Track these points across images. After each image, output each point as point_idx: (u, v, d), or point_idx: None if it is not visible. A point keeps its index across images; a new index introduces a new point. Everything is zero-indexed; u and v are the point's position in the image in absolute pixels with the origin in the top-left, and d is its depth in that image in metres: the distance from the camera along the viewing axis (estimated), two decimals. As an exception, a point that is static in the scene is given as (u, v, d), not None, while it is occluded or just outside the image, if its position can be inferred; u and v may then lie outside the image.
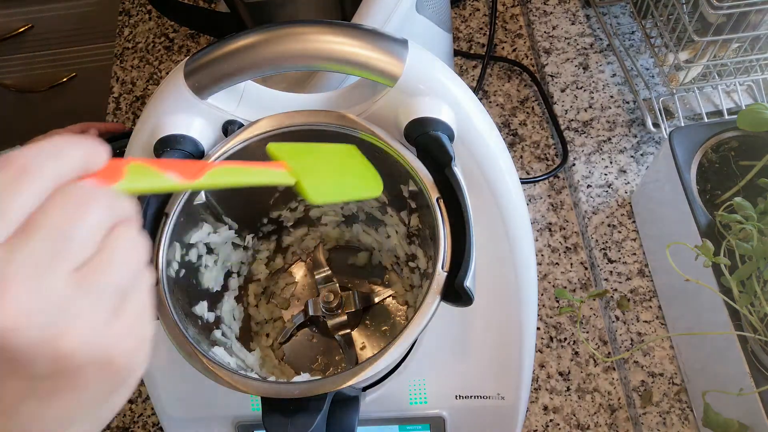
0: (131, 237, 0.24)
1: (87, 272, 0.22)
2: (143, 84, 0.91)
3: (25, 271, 0.21)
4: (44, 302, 0.21)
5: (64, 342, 0.22)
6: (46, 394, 0.23)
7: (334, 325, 0.54)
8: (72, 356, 0.22)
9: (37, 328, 0.21)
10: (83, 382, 0.23)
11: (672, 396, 0.63)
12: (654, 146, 0.75)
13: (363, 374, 0.39)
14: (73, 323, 0.22)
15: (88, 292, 0.22)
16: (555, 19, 0.86)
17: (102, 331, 0.23)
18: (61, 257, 0.22)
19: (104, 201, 0.23)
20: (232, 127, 0.47)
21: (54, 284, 0.21)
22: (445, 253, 0.41)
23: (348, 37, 0.44)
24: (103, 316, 0.23)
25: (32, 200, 0.22)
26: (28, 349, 0.21)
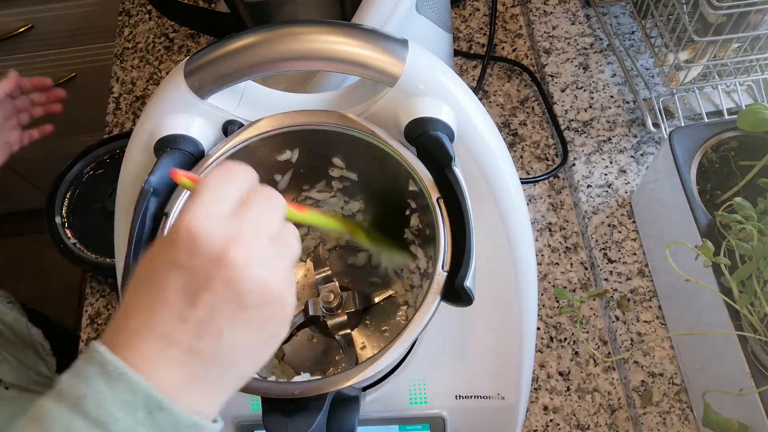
0: (293, 227, 0.35)
1: (277, 242, 0.33)
2: (143, 84, 0.91)
3: (249, 231, 0.31)
4: (259, 253, 0.31)
5: (270, 282, 0.31)
6: (244, 321, 0.31)
7: (334, 325, 0.54)
8: (272, 292, 0.31)
9: (256, 269, 0.31)
10: (269, 316, 0.32)
11: (672, 396, 0.63)
12: (654, 146, 0.75)
13: (363, 374, 0.39)
14: (274, 271, 0.32)
15: (279, 254, 0.32)
16: (555, 19, 0.86)
17: (285, 281, 0.33)
18: (265, 228, 0.32)
19: (280, 200, 0.34)
20: (232, 127, 0.47)
21: (262, 244, 0.32)
22: (445, 253, 0.41)
23: (348, 37, 0.44)
24: (285, 272, 0.33)
25: (238, 191, 0.33)
26: (248, 280, 0.30)
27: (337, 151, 0.50)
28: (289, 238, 0.34)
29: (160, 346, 0.30)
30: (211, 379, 0.31)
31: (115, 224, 0.51)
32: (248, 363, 0.33)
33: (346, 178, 0.52)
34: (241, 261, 0.30)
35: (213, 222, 0.31)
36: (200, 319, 0.30)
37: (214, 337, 0.31)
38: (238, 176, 0.33)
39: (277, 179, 0.52)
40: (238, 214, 0.32)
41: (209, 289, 0.30)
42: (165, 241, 0.31)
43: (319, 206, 0.56)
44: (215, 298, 0.30)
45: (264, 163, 0.49)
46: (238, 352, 0.32)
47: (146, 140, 0.46)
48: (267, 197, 0.33)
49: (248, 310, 0.31)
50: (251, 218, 0.32)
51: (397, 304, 0.57)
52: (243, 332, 0.31)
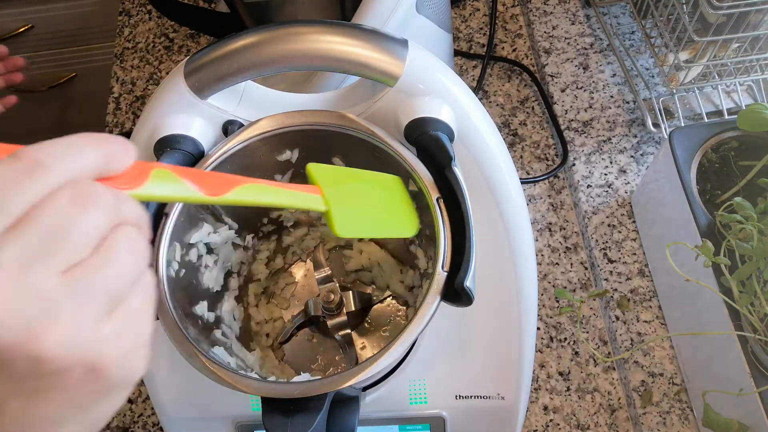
0: (130, 240, 0.24)
1: (76, 272, 0.22)
2: (143, 84, 0.91)
3: (9, 266, 0.20)
4: (25, 300, 0.20)
5: (45, 343, 0.21)
6: (30, 394, 0.23)
7: (334, 325, 0.54)
8: (53, 358, 0.21)
9: (15, 328, 0.20)
10: (69, 384, 0.23)
11: (672, 396, 0.63)
12: (654, 146, 0.75)
13: (363, 374, 0.39)
14: (55, 323, 0.21)
15: (76, 292, 0.22)
16: (555, 19, 0.86)
17: (88, 334, 0.22)
18: (50, 255, 0.21)
19: (108, 202, 0.23)
20: (232, 127, 0.47)
21: (38, 282, 0.21)
22: (445, 253, 0.41)
23: (348, 37, 0.44)
24: (91, 317, 0.22)
25: (38, 196, 0.21)
26: (6, 348, 0.21)
27: (337, 151, 0.50)
28: (115, 256, 0.23)
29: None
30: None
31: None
32: (71, 429, 0.25)
33: (346, 178, 0.52)
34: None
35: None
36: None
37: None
38: (42, 168, 0.21)
39: (277, 179, 0.52)
40: (9, 234, 0.21)
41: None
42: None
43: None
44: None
45: (264, 163, 0.49)
46: (42, 427, 0.24)
47: (146, 140, 0.46)
48: (75, 197, 0.22)
49: (30, 381, 0.22)
50: (27, 238, 0.21)
51: (397, 304, 0.57)
52: (39, 408, 0.23)
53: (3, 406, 0.22)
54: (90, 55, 1.18)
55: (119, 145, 0.24)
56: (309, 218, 0.58)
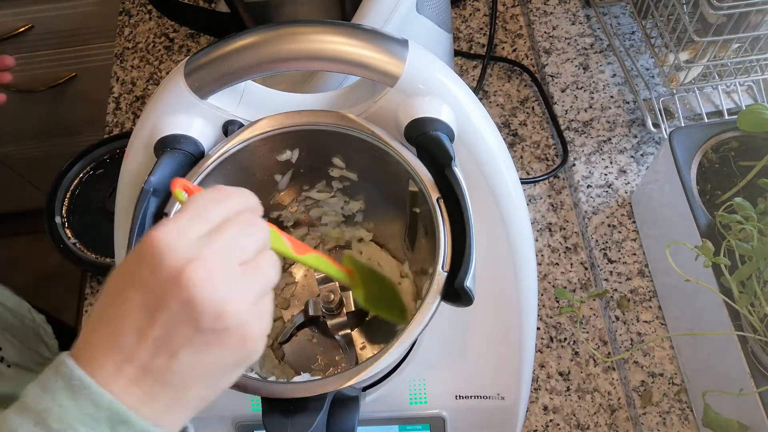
0: (272, 257, 0.34)
1: (248, 267, 0.32)
2: (143, 84, 0.91)
3: (216, 252, 0.30)
4: (221, 275, 0.30)
5: (227, 306, 0.30)
6: (201, 346, 0.30)
7: (334, 325, 0.54)
8: (228, 318, 0.30)
9: (214, 290, 0.30)
10: (228, 344, 0.31)
11: (672, 396, 0.63)
12: (654, 146, 0.75)
13: (363, 374, 0.39)
14: (235, 295, 0.30)
15: (247, 280, 0.31)
16: (555, 19, 0.86)
17: (249, 309, 0.31)
18: (236, 252, 0.32)
19: (264, 229, 0.34)
20: (232, 127, 0.47)
21: (228, 267, 0.31)
22: (445, 253, 0.41)
23: (348, 37, 0.44)
24: (251, 299, 0.31)
25: (226, 214, 0.32)
26: (204, 302, 0.29)
27: (337, 151, 0.50)
28: (265, 266, 0.33)
29: (117, 362, 0.30)
30: (167, 398, 0.31)
31: (115, 224, 0.51)
32: (204, 388, 0.33)
33: (346, 178, 0.52)
34: (198, 281, 0.29)
35: (180, 240, 0.30)
36: (156, 337, 0.30)
37: (169, 358, 0.30)
38: (229, 200, 0.33)
39: (277, 179, 0.52)
40: (210, 236, 0.31)
41: (166, 307, 0.30)
42: (133, 255, 0.31)
43: (319, 206, 0.56)
44: (171, 318, 0.30)
45: (264, 163, 0.49)
46: (192, 376, 0.31)
47: (146, 140, 0.46)
48: (248, 221, 0.33)
49: (205, 334, 0.30)
50: (223, 240, 0.31)
51: (397, 304, 0.57)
52: (198, 356, 0.31)
53: (178, 352, 0.30)
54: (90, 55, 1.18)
55: (258, 201, 0.35)
56: (309, 218, 0.58)
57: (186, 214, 0.32)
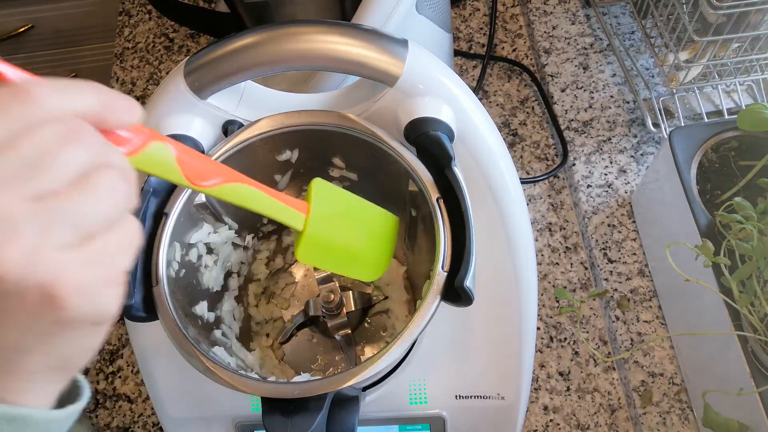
0: (112, 180, 0.24)
1: (48, 199, 0.22)
2: (143, 84, 0.91)
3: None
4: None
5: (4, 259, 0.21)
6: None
7: (334, 325, 0.54)
8: (6, 275, 0.21)
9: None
10: (27, 308, 0.23)
11: (672, 396, 0.63)
12: (654, 146, 0.75)
13: (363, 374, 0.39)
14: (12, 242, 0.21)
15: (42, 217, 0.22)
16: (555, 19, 0.86)
17: (47, 258, 0.22)
18: (24, 179, 0.22)
19: (96, 144, 0.23)
20: (232, 127, 0.47)
21: (5, 199, 0.21)
22: (445, 253, 0.41)
23: (348, 37, 0.44)
24: (53, 243, 0.22)
25: (23, 125, 0.22)
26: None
27: (337, 151, 0.50)
28: (92, 191, 0.23)
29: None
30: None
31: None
32: (38, 360, 0.25)
33: (346, 178, 0.52)
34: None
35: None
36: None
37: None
38: (31, 101, 0.22)
39: (277, 179, 0.52)
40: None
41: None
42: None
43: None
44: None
45: (264, 163, 0.49)
46: (2, 349, 0.24)
47: (146, 140, 0.46)
48: (62, 133, 0.23)
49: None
50: (7, 158, 0.22)
51: (397, 304, 0.57)
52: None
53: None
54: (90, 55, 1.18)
55: (123, 100, 0.24)
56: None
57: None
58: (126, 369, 0.70)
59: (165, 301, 0.42)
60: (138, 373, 0.70)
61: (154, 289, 0.42)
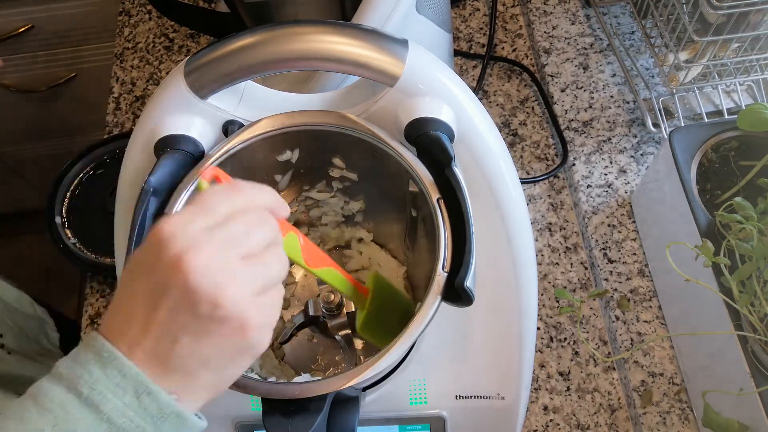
0: (280, 254, 0.35)
1: (252, 259, 0.32)
2: (143, 84, 0.91)
3: (216, 243, 0.31)
4: (220, 263, 0.31)
5: (224, 293, 0.30)
6: (199, 332, 0.31)
7: (334, 325, 0.54)
8: (224, 306, 0.31)
9: (211, 278, 0.30)
10: (225, 332, 0.31)
11: (672, 396, 0.63)
12: (654, 146, 0.75)
13: (363, 375, 0.39)
14: (234, 285, 0.31)
15: (248, 271, 0.32)
16: (555, 19, 0.86)
17: (248, 300, 0.32)
18: (239, 244, 0.32)
19: (274, 227, 0.35)
20: (232, 127, 0.47)
21: (229, 257, 0.31)
22: (445, 253, 0.41)
23: (348, 37, 0.44)
24: (251, 290, 0.32)
25: (235, 208, 0.33)
26: (201, 288, 0.30)
27: (337, 151, 0.50)
28: (270, 260, 0.33)
29: (128, 346, 0.32)
30: (176, 383, 0.32)
31: (115, 224, 0.51)
32: (210, 376, 0.33)
33: (346, 178, 0.52)
34: (196, 267, 0.30)
35: (183, 229, 0.31)
36: (159, 322, 0.31)
37: (171, 343, 0.31)
38: (241, 195, 0.34)
39: (277, 179, 0.52)
40: (215, 227, 0.32)
41: (168, 294, 0.31)
42: (142, 246, 0.33)
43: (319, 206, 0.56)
44: (172, 304, 0.31)
45: (264, 163, 0.49)
46: (195, 363, 0.32)
47: (146, 140, 0.46)
48: (257, 217, 0.34)
49: (203, 321, 0.31)
50: (226, 231, 0.32)
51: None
52: (199, 343, 0.32)
53: (180, 337, 0.31)
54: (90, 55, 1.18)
55: (283, 202, 0.36)
56: (309, 219, 0.58)
57: (194, 205, 0.33)
58: (126, 369, 0.70)
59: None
60: (138, 373, 0.70)
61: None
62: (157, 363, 0.32)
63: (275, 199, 0.36)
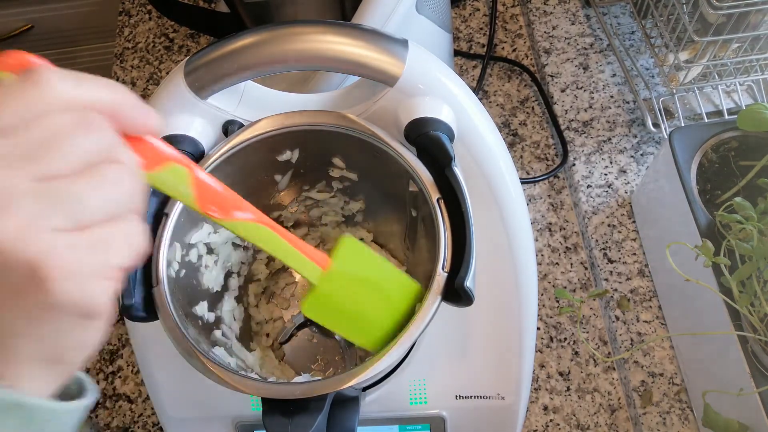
0: (119, 174, 0.24)
1: (51, 181, 0.22)
2: (143, 84, 0.91)
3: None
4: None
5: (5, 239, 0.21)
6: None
7: (334, 325, 0.54)
8: (5, 251, 0.21)
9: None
10: (15, 284, 0.22)
11: (672, 396, 0.63)
12: (654, 146, 0.75)
13: (363, 375, 0.39)
14: (10, 215, 0.21)
15: (42, 197, 0.22)
16: (555, 19, 0.86)
17: (38, 236, 0.22)
18: (31, 159, 0.22)
19: (107, 137, 0.23)
20: (232, 127, 0.47)
21: (8, 177, 0.21)
22: (445, 253, 0.41)
23: (348, 37, 0.44)
24: (48, 224, 0.22)
25: (36, 111, 0.22)
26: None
27: (337, 151, 0.50)
28: (100, 183, 0.23)
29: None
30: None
31: (115, 224, 0.51)
32: (32, 347, 0.24)
33: (346, 178, 0.52)
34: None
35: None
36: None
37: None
38: (49, 89, 0.23)
39: (277, 179, 0.52)
40: (3, 131, 0.22)
41: None
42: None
43: (319, 206, 0.56)
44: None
45: (264, 163, 0.49)
46: (6, 337, 0.24)
47: (146, 140, 0.46)
48: (77, 122, 0.23)
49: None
50: (10, 142, 0.22)
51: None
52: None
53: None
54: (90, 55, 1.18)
55: (140, 104, 0.24)
56: (309, 219, 0.58)
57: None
58: (126, 369, 0.70)
59: (165, 302, 0.42)
60: (138, 373, 0.70)
61: (155, 290, 0.42)
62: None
63: (116, 99, 0.24)
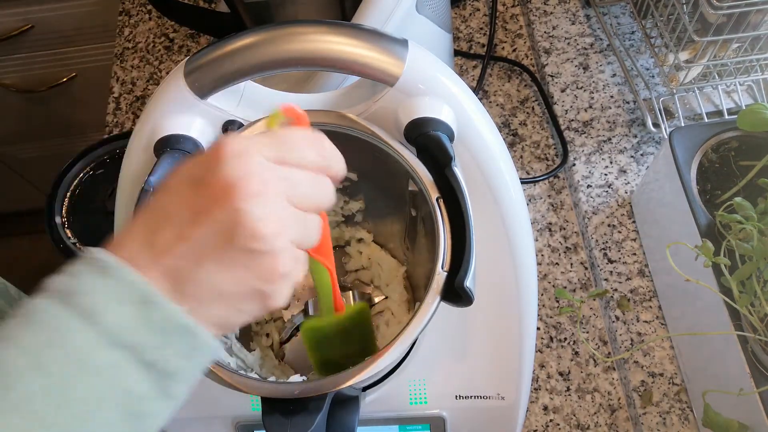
0: (318, 223, 0.33)
1: (299, 213, 0.31)
2: (143, 84, 0.91)
3: (277, 180, 0.30)
4: (274, 200, 0.29)
5: (267, 228, 0.29)
6: (224, 261, 0.29)
7: (334, 325, 0.54)
8: (263, 240, 0.29)
9: (261, 208, 0.29)
10: (253, 267, 0.30)
11: (672, 396, 0.63)
12: (654, 146, 0.75)
13: (363, 374, 0.39)
14: (279, 225, 0.30)
15: (295, 220, 0.31)
16: (555, 19, 0.86)
17: (287, 245, 0.30)
18: (296, 194, 0.31)
19: (330, 195, 0.33)
20: (232, 127, 0.47)
21: (283, 198, 0.30)
22: (445, 253, 0.41)
23: (348, 37, 0.44)
24: (291, 238, 0.31)
25: (308, 159, 0.32)
26: (247, 216, 0.28)
27: (337, 151, 0.49)
28: (311, 225, 0.32)
29: (149, 256, 0.29)
30: (190, 306, 0.30)
31: (115, 224, 0.51)
32: (220, 310, 0.31)
33: (346, 178, 0.52)
34: (250, 194, 0.28)
35: (250, 153, 0.29)
36: (191, 239, 0.29)
37: (194, 265, 0.29)
38: (323, 151, 0.33)
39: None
40: (282, 165, 0.30)
41: (210, 212, 0.29)
42: (200, 157, 0.30)
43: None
44: (211, 223, 0.29)
45: (264, 163, 0.49)
46: (210, 292, 0.30)
47: (146, 140, 0.46)
48: (322, 179, 0.33)
49: (235, 250, 0.29)
50: (291, 175, 0.31)
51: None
52: (221, 272, 0.30)
53: (204, 261, 0.29)
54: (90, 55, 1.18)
55: (333, 188, 0.34)
56: (309, 218, 0.58)
57: (269, 136, 0.31)
58: (126, 369, 0.70)
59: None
60: (138, 373, 0.70)
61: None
62: (171, 283, 0.29)
63: (342, 169, 0.34)
